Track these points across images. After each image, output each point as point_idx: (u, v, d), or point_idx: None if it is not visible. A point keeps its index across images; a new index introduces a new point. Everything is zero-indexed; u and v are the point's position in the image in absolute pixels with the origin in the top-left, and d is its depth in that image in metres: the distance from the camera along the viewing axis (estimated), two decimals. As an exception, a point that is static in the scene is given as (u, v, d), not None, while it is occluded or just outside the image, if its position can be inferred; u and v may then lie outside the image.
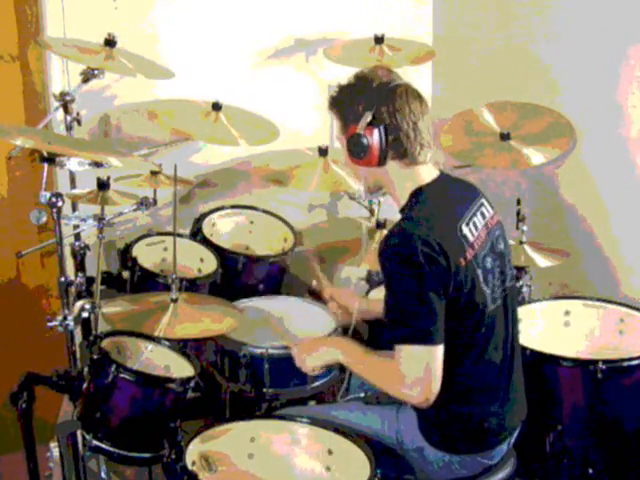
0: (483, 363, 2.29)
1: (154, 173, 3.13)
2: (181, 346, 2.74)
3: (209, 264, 3.26)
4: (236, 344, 2.84)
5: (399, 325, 2.18)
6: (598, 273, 3.41)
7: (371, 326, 3.07)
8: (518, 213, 3.19)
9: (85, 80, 3.05)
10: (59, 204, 2.51)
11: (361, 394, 2.51)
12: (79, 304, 2.66)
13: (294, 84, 3.73)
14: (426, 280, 2.14)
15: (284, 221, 3.59)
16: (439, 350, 2.16)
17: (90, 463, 2.72)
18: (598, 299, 3.03)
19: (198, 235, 3.37)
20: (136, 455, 2.50)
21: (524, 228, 3.18)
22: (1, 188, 3.39)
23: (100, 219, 2.88)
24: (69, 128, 3.09)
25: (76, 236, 3.20)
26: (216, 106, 3.27)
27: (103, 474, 2.77)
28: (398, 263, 2.16)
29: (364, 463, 2.23)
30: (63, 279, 2.64)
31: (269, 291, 3.30)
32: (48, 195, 2.50)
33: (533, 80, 3.53)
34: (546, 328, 3.02)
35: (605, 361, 2.65)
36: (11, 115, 3.33)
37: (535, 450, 2.76)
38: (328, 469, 2.34)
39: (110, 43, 3.05)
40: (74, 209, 3.16)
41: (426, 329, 2.15)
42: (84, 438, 2.45)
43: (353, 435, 2.32)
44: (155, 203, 3.09)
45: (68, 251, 3.17)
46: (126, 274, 3.14)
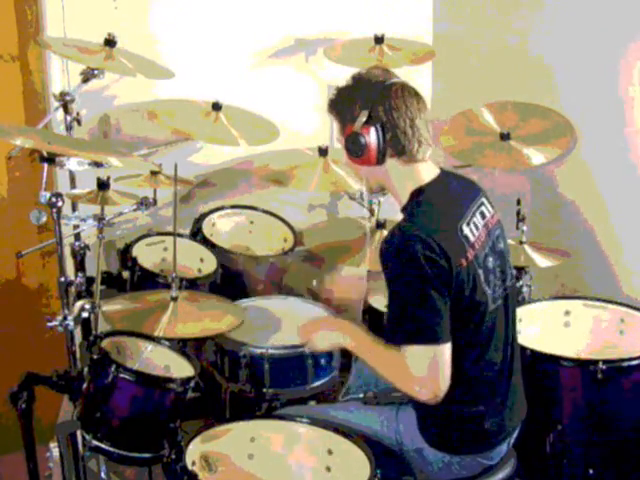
0: (483, 363, 2.29)
1: (154, 173, 3.13)
2: (181, 346, 2.74)
3: (209, 264, 3.26)
4: (236, 344, 2.84)
5: (403, 325, 2.18)
6: (598, 273, 3.41)
7: (372, 327, 3.08)
8: (518, 213, 3.19)
9: (85, 80, 3.05)
10: (59, 204, 2.51)
11: (360, 394, 2.51)
12: (79, 304, 2.66)
13: (294, 84, 3.73)
14: (427, 280, 2.13)
15: (284, 221, 3.59)
16: (446, 348, 2.16)
17: (90, 463, 2.72)
18: (598, 299, 3.03)
19: (198, 235, 3.37)
20: (136, 455, 2.50)
21: (524, 228, 3.18)
22: (1, 188, 3.39)
23: (100, 219, 2.88)
24: (69, 128, 3.09)
25: (76, 236, 3.20)
26: (216, 106, 3.26)
27: (103, 474, 2.77)
28: (399, 264, 2.16)
29: (364, 463, 2.23)
30: (63, 279, 2.64)
31: (269, 291, 3.30)
32: (48, 195, 2.49)
33: (533, 80, 3.53)
34: (546, 328, 3.02)
35: (605, 361, 2.65)
36: (11, 115, 3.33)
37: (535, 450, 2.76)
38: (328, 469, 2.34)
39: (110, 43, 3.05)
40: (74, 209, 3.16)
41: (430, 328, 2.15)
42: (84, 438, 2.45)
43: (353, 435, 2.32)
44: (155, 203, 3.09)
45: (68, 251, 3.17)
46: (126, 274, 3.14)
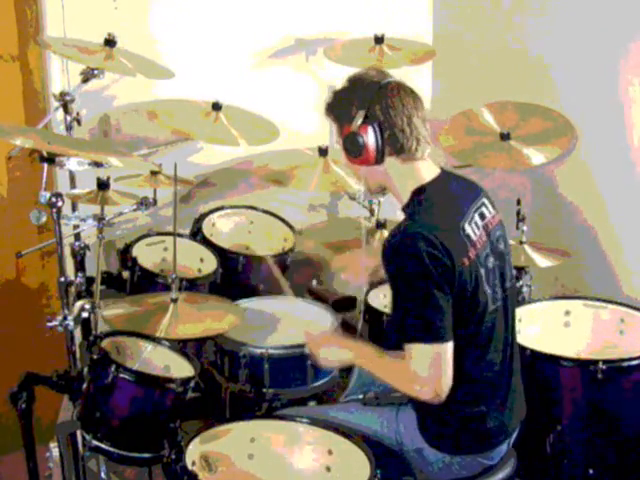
0: (483, 364, 2.29)
1: (154, 173, 3.13)
2: (181, 346, 2.74)
3: (209, 264, 3.26)
4: (236, 344, 2.84)
5: (407, 324, 2.18)
6: (598, 273, 3.41)
7: (372, 327, 3.08)
8: (518, 213, 3.19)
9: (85, 80, 3.05)
10: (59, 204, 2.51)
11: (360, 395, 2.51)
12: (79, 304, 2.66)
13: (294, 84, 3.73)
14: (431, 278, 2.13)
15: (284, 221, 3.59)
16: (448, 347, 2.16)
17: (90, 463, 2.72)
18: (598, 299, 3.03)
19: (198, 235, 3.37)
20: (136, 455, 2.50)
21: (524, 228, 3.18)
22: (1, 188, 3.39)
23: (100, 219, 2.87)
24: (69, 128, 3.09)
25: (76, 236, 3.20)
26: (216, 106, 3.26)
27: (103, 474, 2.77)
28: (402, 263, 2.16)
29: (364, 463, 2.23)
30: (63, 279, 2.64)
31: (269, 291, 3.30)
32: (48, 195, 2.49)
33: (533, 80, 3.53)
34: (546, 328, 3.02)
35: (605, 361, 2.65)
36: (11, 115, 3.32)
37: (535, 450, 2.76)
38: (328, 469, 2.34)
39: (110, 43, 3.05)
40: (74, 209, 3.16)
41: (433, 327, 2.15)
42: (84, 438, 2.45)
43: (353, 435, 2.32)
44: (155, 203, 3.09)
45: (68, 251, 3.17)
46: (126, 274, 3.14)
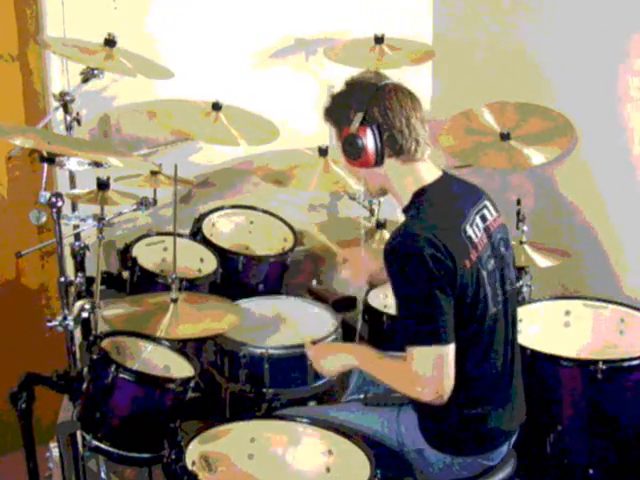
0: (484, 365, 2.28)
1: (154, 173, 3.13)
2: (181, 346, 2.74)
3: (209, 264, 3.25)
4: (236, 344, 2.84)
5: (409, 326, 2.18)
6: (598, 273, 3.41)
7: (371, 327, 3.08)
8: (518, 213, 3.19)
9: (85, 80, 3.05)
10: (59, 204, 2.50)
11: (361, 395, 2.51)
12: (79, 304, 2.66)
13: (294, 84, 3.73)
14: (433, 280, 2.13)
15: (284, 221, 3.59)
16: (450, 349, 2.16)
17: (90, 463, 2.71)
18: (598, 299, 3.03)
19: (198, 235, 3.37)
20: (136, 455, 2.50)
21: (524, 228, 3.18)
22: (1, 188, 3.39)
23: (100, 219, 2.87)
24: (69, 128, 3.09)
25: (76, 236, 3.20)
26: (216, 106, 3.26)
27: (103, 474, 2.77)
28: (403, 264, 2.15)
29: (364, 463, 2.22)
30: (63, 279, 2.63)
31: (269, 291, 3.30)
32: (48, 195, 2.49)
33: (533, 80, 3.53)
34: (546, 328, 3.02)
35: (605, 361, 2.65)
36: (11, 115, 3.32)
37: (535, 450, 2.76)
38: (328, 469, 2.33)
39: (110, 43, 3.05)
40: (74, 209, 3.15)
41: (435, 329, 2.14)
42: (84, 438, 2.45)
43: (353, 435, 2.32)
44: (155, 203, 3.09)
45: (68, 251, 3.17)
46: (126, 274, 3.13)
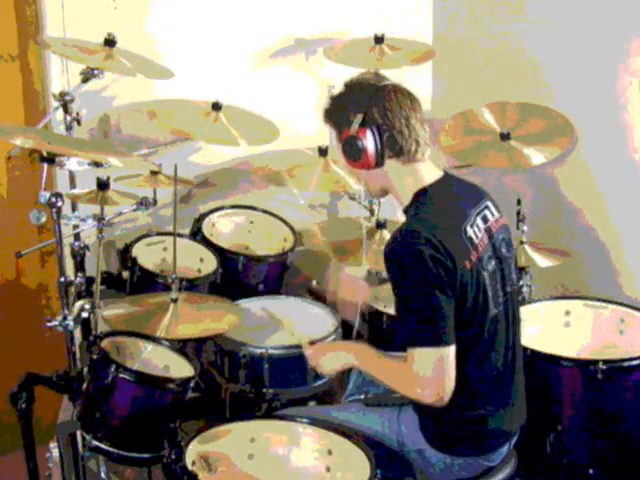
0: (485, 367, 2.28)
1: (154, 173, 3.13)
2: (181, 346, 2.74)
3: (209, 264, 3.25)
4: (236, 344, 2.84)
5: (409, 327, 2.17)
6: (599, 273, 3.41)
7: (372, 328, 3.08)
8: (518, 213, 3.19)
9: (85, 80, 3.04)
10: (59, 204, 2.50)
11: (361, 395, 2.51)
12: (79, 304, 2.66)
13: (294, 84, 3.73)
14: (433, 281, 2.12)
15: (284, 221, 3.59)
16: (450, 350, 2.15)
17: (90, 463, 2.71)
18: (598, 299, 3.03)
19: (198, 235, 3.37)
20: (136, 455, 2.50)
21: (524, 228, 3.18)
22: (1, 188, 3.38)
23: (100, 219, 2.87)
24: (69, 128, 3.09)
25: (76, 236, 3.19)
26: (216, 106, 3.26)
27: (103, 474, 2.77)
28: (404, 264, 2.15)
29: (364, 463, 2.22)
30: (63, 279, 2.63)
31: (269, 291, 3.30)
32: (48, 195, 2.49)
33: (533, 80, 3.53)
34: (546, 328, 3.02)
35: (605, 361, 2.65)
36: (11, 115, 3.32)
37: (535, 450, 2.76)
38: (328, 469, 2.33)
39: (110, 43, 3.05)
40: (74, 209, 3.15)
41: (436, 330, 2.14)
42: (84, 438, 2.45)
43: (353, 435, 2.32)
44: (155, 203, 3.09)
45: (68, 251, 3.17)
46: (126, 274, 3.13)
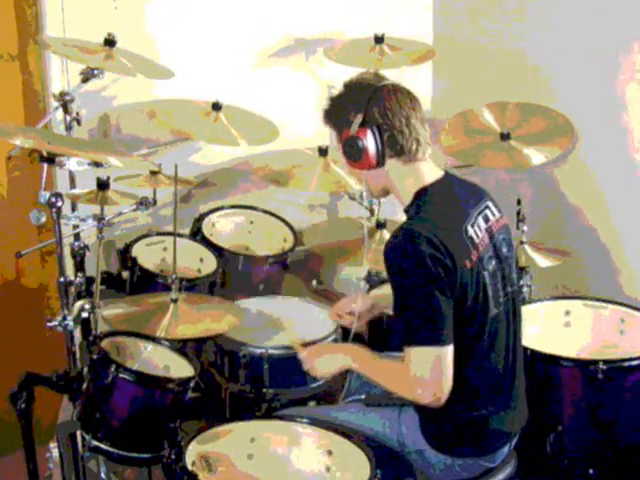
0: (486, 367, 2.28)
1: (154, 173, 3.13)
2: (181, 346, 2.74)
3: (209, 264, 3.25)
4: (236, 344, 2.84)
5: (407, 326, 2.17)
6: (599, 273, 3.41)
7: (371, 328, 3.07)
8: (518, 213, 3.19)
9: (85, 80, 3.05)
10: (59, 204, 2.50)
11: (362, 396, 2.50)
12: (79, 304, 2.66)
13: (294, 84, 3.73)
14: (432, 280, 2.12)
15: (284, 221, 3.58)
16: (448, 350, 2.15)
17: (90, 463, 2.71)
18: (598, 299, 3.02)
19: (198, 235, 3.37)
20: (136, 455, 2.50)
21: (524, 228, 3.18)
22: (1, 188, 3.39)
23: (100, 219, 2.87)
24: (69, 128, 3.09)
25: (76, 236, 3.19)
26: (216, 106, 3.26)
27: (103, 474, 2.76)
28: (403, 264, 2.14)
29: (364, 463, 2.22)
30: (63, 279, 2.63)
31: (269, 291, 3.30)
32: (47, 195, 2.48)
33: (533, 80, 3.53)
34: (546, 328, 3.01)
35: (605, 361, 2.64)
36: (11, 115, 3.32)
37: (535, 450, 2.76)
38: (328, 469, 2.33)
39: (110, 43, 3.05)
40: (74, 209, 3.15)
41: (435, 330, 2.14)
42: (84, 438, 2.45)
43: (353, 435, 2.32)
44: (155, 203, 3.08)
45: (68, 251, 3.17)
46: (126, 274, 3.13)
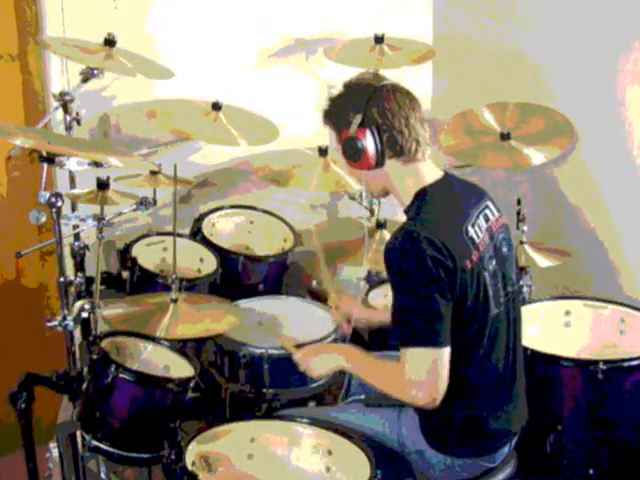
0: (486, 367, 2.28)
1: (154, 173, 3.13)
2: (181, 346, 2.74)
3: (209, 264, 3.25)
4: (236, 344, 2.84)
5: (405, 327, 2.17)
6: (598, 273, 3.41)
7: (371, 328, 3.07)
8: (518, 213, 3.19)
9: (85, 80, 3.05)
10: (58, 204, 2.50)
11: (362, 396, 2.50)
12: (78, 304, 2.66)
13: (294, 84, 3.73)
14: (432, 281, 2.12)
15: (284, 221, 3.59)
16: (445, 352, 2.14)
17: (90, 464, 2.71)
18: (598, 299, 3.02)
19: (198, 235, 3.37)
20: (136, 455, 2.50)
21: (524, 228, 3.18)
22: (1, 188, 3.39)
23: (100, 219, 2.88)
24: (68, 128, 3.09)
25: (75, 236, 3.19)
26: (216, 106, 3.26)
27: (102, 475, 2.76)
28: (403, 265, 2.14)
29: (364, 463, 2.22)
30: (62, 279, 2.63)
31: (269, 291, 3.30)
32: (47, 195, 2.48)
33: (533, 80, 3.52)
34: (546, 328, 3.01)
35: (606, 361, 2.64)
36: (10, 115, 3.32)
37: (535, 450, 2.76)
38: (328, 469, 2.33)
39: (110, 43, 3.05)
40: (73, 209, 3.15)
41: (432, 331, 2.13)
42: (84, 438, 2.45)
43: (353, 435, 2.32)
44: (155, 203, 3.08)
45: (68, 251, 3.17)
46: (126, 274, 3.13)
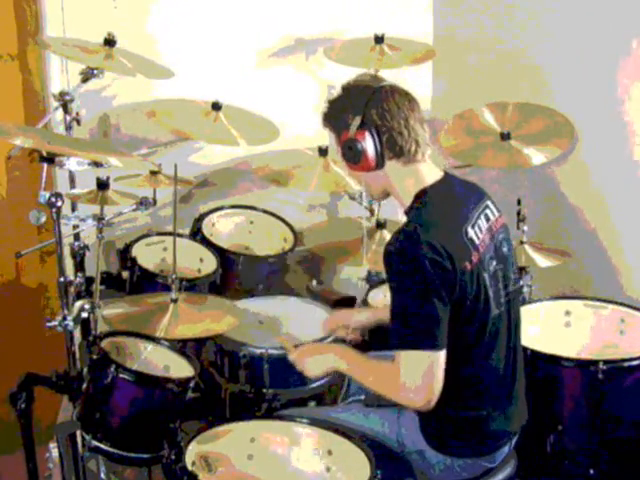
0: (486, 367, 2.27)
1: (154, 173, 3.13)
2: (181, 346, 2.74)
3: (209, 264, 3.25)
4: (236, 344, 2.84)
5: (402, 329, 2.16)
6: (599, 273, 3.40)
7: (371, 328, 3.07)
8: (518, 213, 3.18)
9: (84, 80, 3.05)
10: (58, 204, 2.50)
11: (362, 396, 2.50)
12: (78, 304, 2.65)
13: (294, 84, 3.73)
14: (430, 284, 2.11)
15: (284, 221, 3.58)
16: (441, 355, 2.14)
17: (89, 464, 2.71)
18: (598, 299, 3.02)
19: (198, 235, 3.37)
20: (135, 455, 2.50)
21: (524, 228, 3.17)
22: (1, 188, 3.39)
23: (100, 219, 2.87)
24: (68, 128, 3.09)
25: (75, 236, 3.20)
26: (216, 106, 3.26)
27: (102, 475, 2.76)
28: (402, 267, 2.14)
29: (364, 464, 2.22)
30: (62, 279, 2.63)
31: (269, 291, 3.29)
32: (47, 195, 2.48)
33: (533, 80, 3.52)
34: (546, 328, 3.01)
35: (606, 361, 2.64)
36: (10, 115, 3.32)
37: (536, 450, 2.76)
38: (328, 469, 2.33)
39: (110, 42, 3.05)
40: (73, 209, 3.16)
41: (429, 334, 2.13)
42: (83, 438, 2.45)
43: (353, 435, 2.32)
44: (155, 203, 3.08)
45: (67, 251, 3.17)
46: (125, 274, 3.13)
